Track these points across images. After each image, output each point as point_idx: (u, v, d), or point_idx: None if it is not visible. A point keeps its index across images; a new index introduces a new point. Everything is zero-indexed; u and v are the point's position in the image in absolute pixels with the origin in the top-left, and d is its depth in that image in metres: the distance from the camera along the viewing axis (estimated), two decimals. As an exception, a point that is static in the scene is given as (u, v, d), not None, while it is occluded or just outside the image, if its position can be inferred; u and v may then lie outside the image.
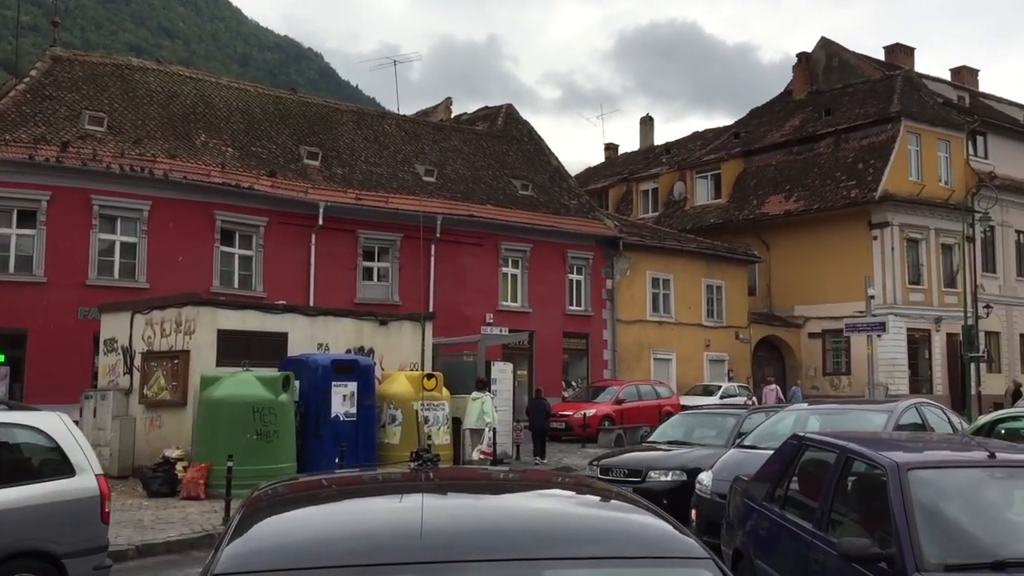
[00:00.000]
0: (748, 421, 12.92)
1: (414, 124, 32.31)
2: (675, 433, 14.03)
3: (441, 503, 3.05)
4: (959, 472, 5.22)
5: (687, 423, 14.50)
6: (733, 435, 12.56)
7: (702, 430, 13.74)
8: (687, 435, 13.71)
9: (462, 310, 27.24)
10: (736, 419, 13.29)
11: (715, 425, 13.62)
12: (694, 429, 13.93)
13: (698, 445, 13.00)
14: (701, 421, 14.36)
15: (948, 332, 35.95)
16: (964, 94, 43.79)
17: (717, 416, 14.30)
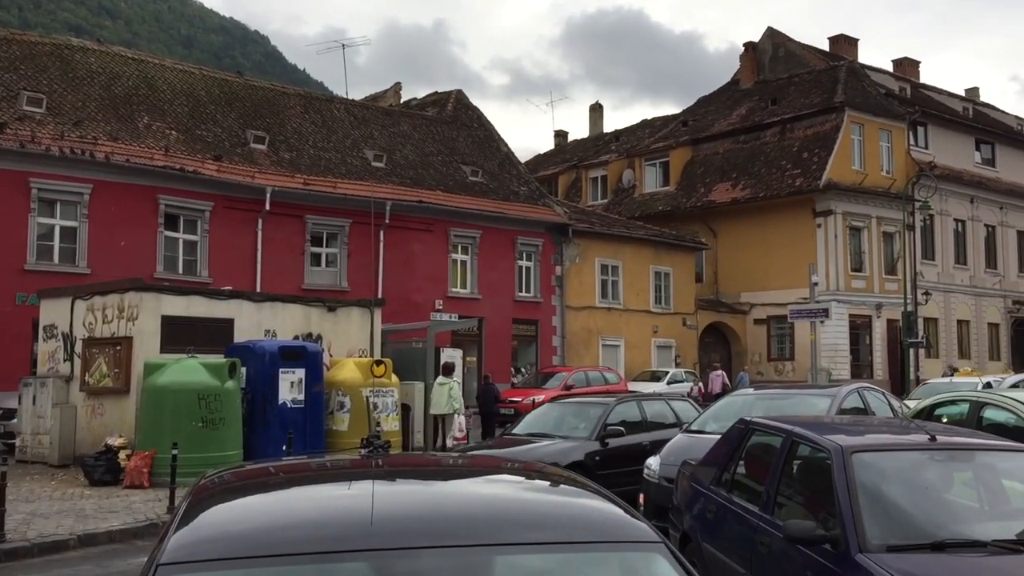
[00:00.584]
0: (615, 412, 12.40)
1: (363, 109, 32.01)
2: (540, 424, 12.97)
3: (392, 489, 3.03)
4: (901, 455, 5.33)
5: (554, 413, 13.45)
6: (598, 427, 11.95)
7: (570, 420, 12.80)
8: (555, 426, 12.74)
9: (411, 296, 27.13)
10: (603, 409, 12.48)
11: (583, 416, 12.68)
12: (562, 420, 12.98)
13: (559, 437, 12.10)
14: (570, 411, 13.30)
15: (888, 318, 36.73)
16: (906, 85, 44.65)
17: (585, 406, 13.26)
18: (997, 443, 5.64)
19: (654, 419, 13.12)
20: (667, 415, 13.43)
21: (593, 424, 12.13)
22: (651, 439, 11.98)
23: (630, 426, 12.38)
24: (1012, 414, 7.37)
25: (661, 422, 13.05)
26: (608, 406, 12.64)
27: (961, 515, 4.99)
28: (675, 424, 12.72)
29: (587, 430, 12.10)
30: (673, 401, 14.29)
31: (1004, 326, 42.70)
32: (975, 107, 47.51)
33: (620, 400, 13.24)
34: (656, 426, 12.83)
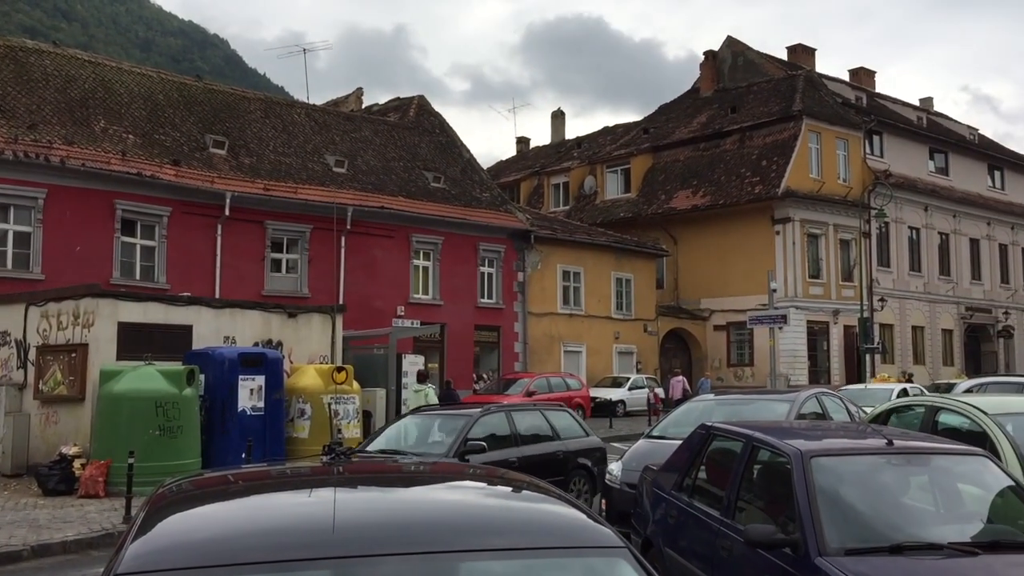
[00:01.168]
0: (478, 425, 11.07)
1: (324, 114, 31.83)
2: (396, 440, 11.34)
3: (354, 497, 3.01)
4: (859, 459, 5.40)
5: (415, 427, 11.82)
6: (456, 443, 10.58)
7: (430, 435, 11.45)
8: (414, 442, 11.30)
9: (373, 303, 26.99)
10: (465, 422, 11.08)
11: (445, 429, 11.32)
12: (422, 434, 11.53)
13: (413, 455, 10.22)
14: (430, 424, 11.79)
15: (845, 324, 37.25)
16: (862, 94, 45.39)
17: (448, 418, 11.76)
18: (952, 447, 5.73)
19: (527, 432, 11.85)
20: (542, 428, 12.20)
21: (452, 439, 10.75)
22: (521, 455, 11.15)
23: (497, 440, 11.17)
24: (966, 418, 7.49)
25: (535, 435, 11.94)
26: (471, 418, 11.17)
27: (918, 518, 5.06)
28: (552, 437, 12.00)
29: (444, 446, 10.72)
30: (550, 412, 12.93)
31: (957, 332, 43.48)
32: (929, 117, 48.40)
33: (486, 411, 11.65)
34: (528, 440, 11.72)
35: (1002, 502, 5.14)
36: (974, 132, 50.06)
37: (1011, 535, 4.84)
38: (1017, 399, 9.16)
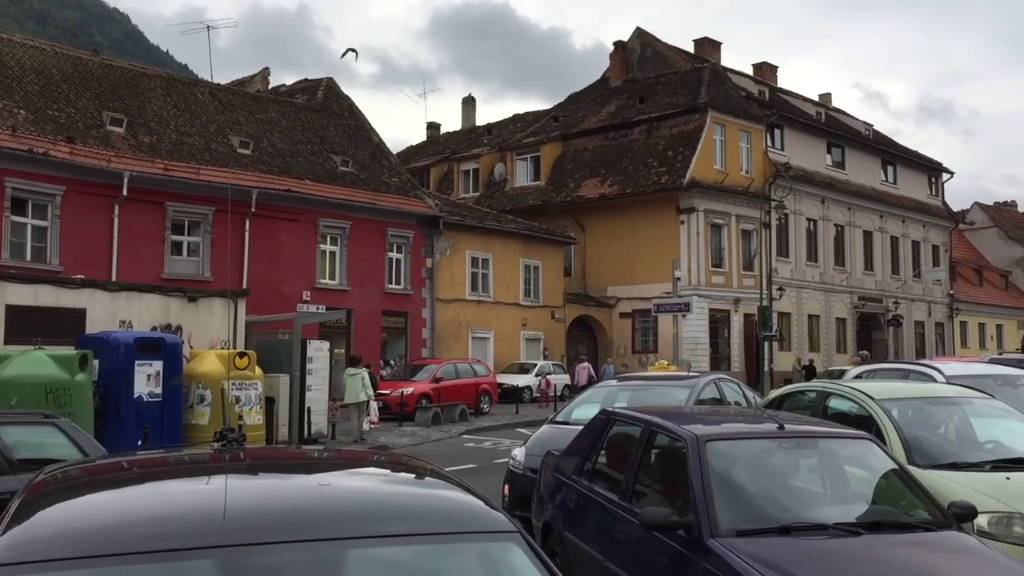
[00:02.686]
0: None
1: (229, 94, 31.02)
2: None
3: (246, 484, 2.96)
4: (752, 443, 5.56)
5: None
6: None
7: None
8: None
9: (278, 287, 26.52)
10: None
11: None
12: None
13: None
14: None
15: (745, 312, 38.26)
16: (764, 88, 46.54)
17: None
18: (839, 431, 5.95)
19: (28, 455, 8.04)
20: None
21: None
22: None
23: None
24: (854, 403, 7.77)
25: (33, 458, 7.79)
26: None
27: (806, 500, 5.24)
28: None
29: None
30: None
31: (850, 320, 45.12)
32: (827, 112, 49.95)
33: None
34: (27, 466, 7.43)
35: (886, 484, 5.35)
36: (869, 128, 51.89)
37: (893, 516, 5.05)
38: (902, 385, 9.55)
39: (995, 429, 7.55)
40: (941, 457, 6.85)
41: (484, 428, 23.25)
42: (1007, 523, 5.89)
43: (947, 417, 7.75)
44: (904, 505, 5.16)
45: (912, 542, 4.59)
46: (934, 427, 7.63)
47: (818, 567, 4.18)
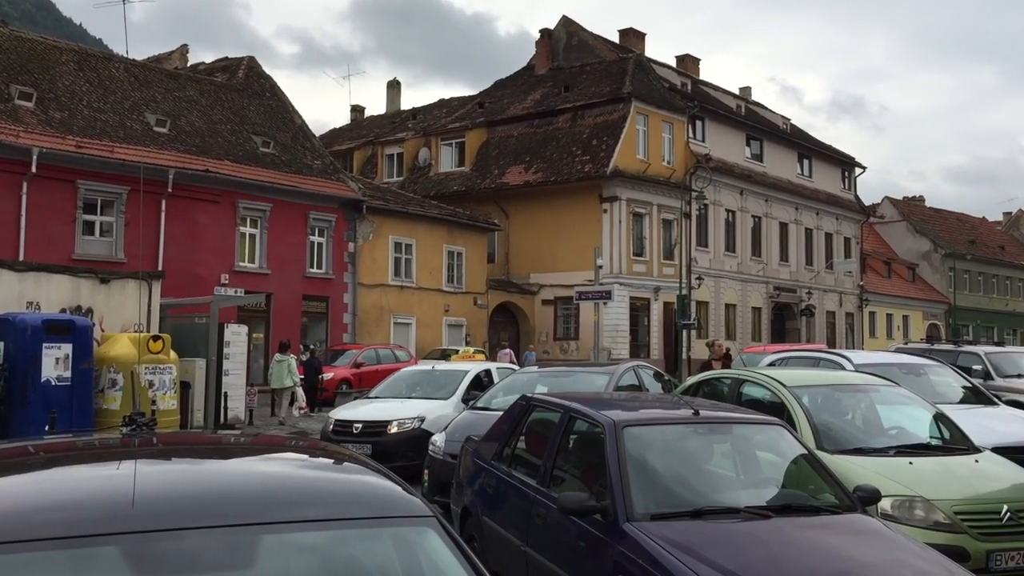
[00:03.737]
0: None
1: (145, 70, 30.13)
2: None
3: (157, 469, 2.90)
4: (668, 428, 5.66)
5: None
6: None
7: None
8: None
9: (195, 270, 25.94)
10: None
11: None
12: None
13: None
14: None
15: (665, 301, 38.87)
16: (687, 80, 47.20)
17: None
18: (752, 416, 6.11)
19: None
20: None
21: None
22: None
23: None
24: (767, 390, 7.97)
25: None
26: None
27: (719, 484, 5.36)
28: None
29: None
30: None
31: (765, 310, 46.23)
32: (747, 105, 50.91)
33: None
34: None
35: (795, 469, 5.51)
36: (787, 122, 53.06)
37: (802, 499, 5.20)
38: (813, 372, 9.84)
39: (899, 416, 7.84)
40: (848, 442, 7.09)
41: (405, 414, 23.13)
42: (909, 506, 6.13)
43: (855, 404, 8.02)
44: (812, 489, 5.32)
45: (819, 525, 4.73)
46: (842, 413, 7.89)
47: (728, 549, 4.29)
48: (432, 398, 12.93)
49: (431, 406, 12.52)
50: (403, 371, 15.16)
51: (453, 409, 12.31)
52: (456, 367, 14.50)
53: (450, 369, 14.13)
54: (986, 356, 15.91)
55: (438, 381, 13.43)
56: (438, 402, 12.69)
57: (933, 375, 10.76)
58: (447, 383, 13.23)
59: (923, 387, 9.70)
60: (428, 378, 13.83)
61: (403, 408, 12.62)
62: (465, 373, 13.48)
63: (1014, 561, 5.98)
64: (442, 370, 14.08)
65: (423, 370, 14.48)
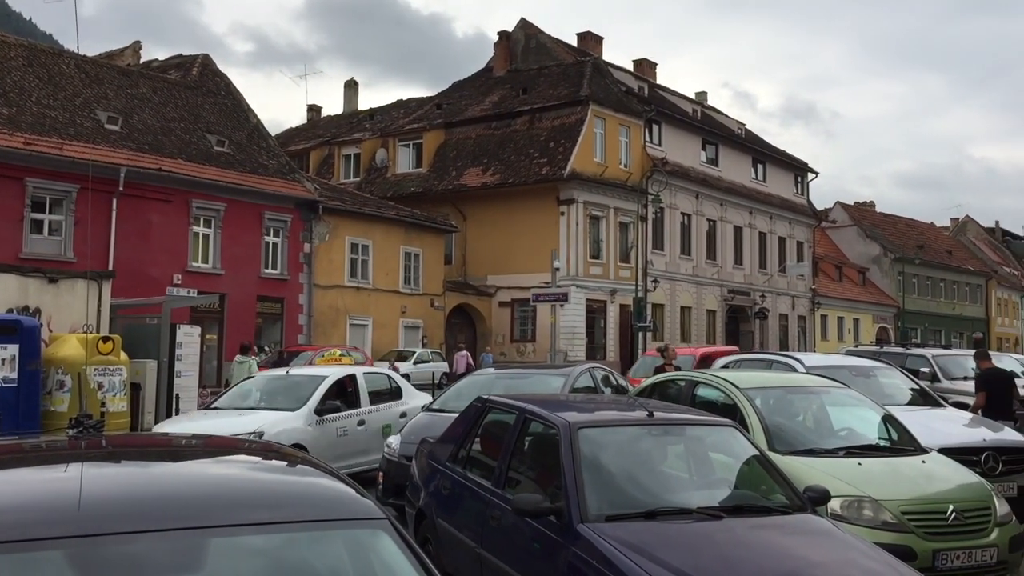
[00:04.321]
0: None
1: (96, 67, 29.61)
2: None
3: (104, 472, 2.85)
4: (622, 430, 5.70)
5: None
6: None
7: None
8: None
9: (147, 270, 25.54)
10: None
11: None
12: None
13: None
14: None
15: (621, 303, 39.10)
16: (644, 84, 47.54)
17: None
18: (704, 418, 6.16)
19: None
20: None
21: None
22: None
23: None
24: (721, 392, 8.06)
25: None
26: None
27: (672, 485, 5.41)
28: None
29: None
30: None
31: (720, 312, 46.70)
32: (703, 110, 51.43)
33: None
34: None
35: (747, 470, 5.58)
36: (741, 127, 53.70)
37: (753, 500, 5.27)
38: (766, 374, 9.97)
39: (849, 417, 7.98)
40: (799, 444, 7.19)
41: (360, 416, 23.04)
42: (858, 506, 6.23)
43: (806, 406, 8.14)
44: (764, 490, 5.38)
45: (769, 525, 4.79)
46: (794, 415, 8.01)
47: (681, 550, 4.32)
48: (279, 409, 11.31)
49: (275, 419, 10.97)
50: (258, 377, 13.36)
51: (303, 422, 11.14)
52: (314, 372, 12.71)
53: (306, 375, 12.42)
54: (933, 359, 16.25)
55: (290, 389, 11.86)
56: (284, 414, 11.11)
57: (882, 377, 10.95)
58: (300, 392, 11.65)
59: (872, 389, 9.87)
60: (281, 385, 12.20)
61: (236, 423, 10.77)
62: (321, 380, 11.82)
63: (959, 560, 6.11)
64: (297, 376, 12.44)
65: (277, 376, 12.83)
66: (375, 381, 12.88)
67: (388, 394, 12.83)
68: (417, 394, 13.48)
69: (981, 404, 11.13)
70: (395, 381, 13.37)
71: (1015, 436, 9.42)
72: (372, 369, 14.75)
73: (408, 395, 13.15)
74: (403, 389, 13.19)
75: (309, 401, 11.33)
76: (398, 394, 13.02)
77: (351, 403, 12.02)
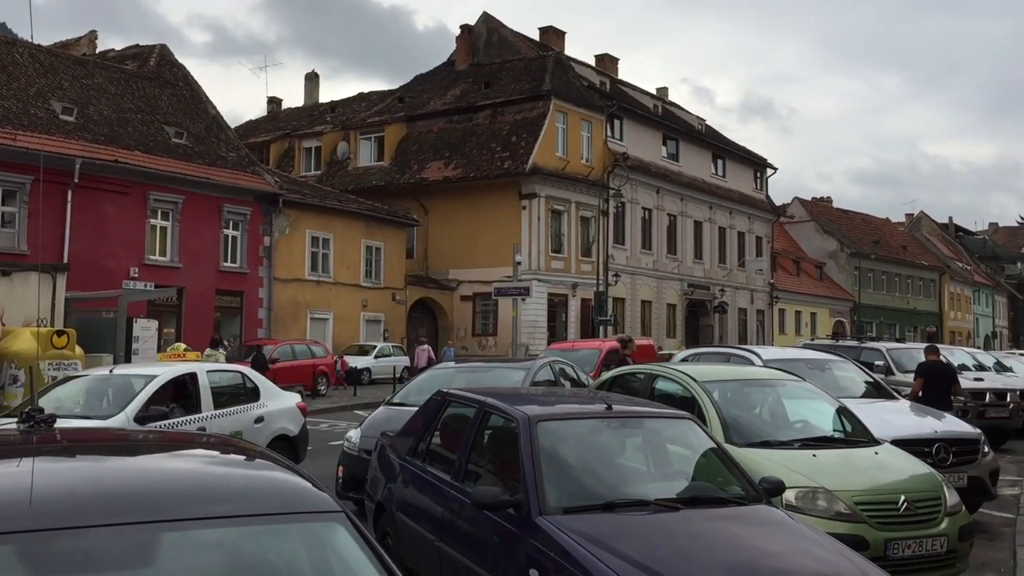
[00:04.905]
0: None
1: (51, 56, 29.08)
2: None
3: (57, 466, 2.82)
4: (581, 423, 5.74)
5: None
6: None
7: None
8: None
9: (103, 263, 25.18)
10: None
11: None
12: None
13: None
14: None
15: (583, 297, 39.26)
16: (605, 80, 47.72)
17: None
18: (662, 411, 6.22)
19: None
20: None
21: None
22: None
23: None
24: (679, 385, 8.14)
25: None
26: None
27: (630, 477, 5.46)
28: None
29: None
30: None
31: (680, 307, 47.07)
32: (664, 105, 51.74)
33: None
34: None
35: (705, 462, 5.64)
36: (702, 122, 54.09)
37: (709, 491, 5.33)
38: (723, 368, 10.09)
39: (805, 409, 8.10)
40: (755, 436, 7.29)
41: (321, 410, 22.92)
42: (812, 497, 6.33)
43: (763, 398, 8.25)
44: (721, 481, 5.45)
45: (725, 516, 4.86)
46: (751, 408, 8.11)
47: (638, 541, 4.37)
48: (89, 416, 9.41)
49: None
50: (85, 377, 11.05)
51: None
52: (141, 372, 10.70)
53: (131, 375, 10.44)
54: (887, 352, 16.54)
55: (113, 392, 10.03)
56: (95, 423, 9.03)
57: (837, 370, 11.13)
58: (122, 395, 9.78)
59: (828, 382, 10.03)
60: (103, 387, 10.30)
61: None
62: (148, 381, 9.87)
63: (910, 549, 6.24)
64: (120, 376, 10.44)
65: (100, 376, 10.79)
66: (224, 380, 11.18)
67: (242, 395, 11.08)
68: (282, 395, 11.86)
69: (917, 390, 11.82)
70: (252, 380, 11.54)
71: (966, 428, 9.63)
72: (220, 366, 12.70)
73: (268, 396, 11.35)
74: (261, 389, 11.35)
75: (128, 407, 9.38)
76: (254, 395, 11.16)
77: (191, 407, 10.21)
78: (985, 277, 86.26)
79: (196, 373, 10.56)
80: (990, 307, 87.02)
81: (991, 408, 16.08)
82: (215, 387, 10.62)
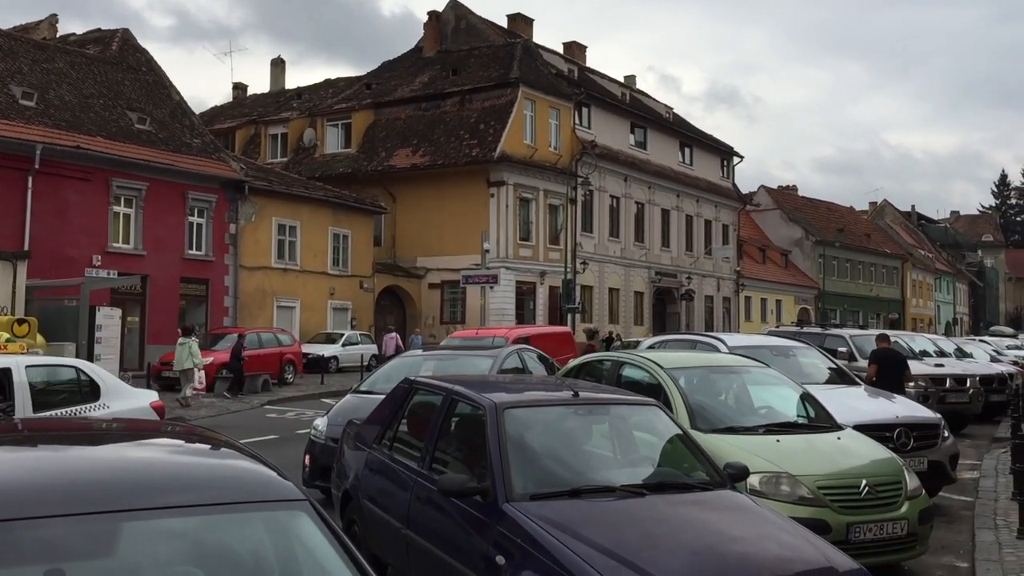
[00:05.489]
0: None
1: (10, 40, 28.53)
2: None
3: (17, 456, 2.78)
4: (548, 410, 5.76)
5: None
6: None
7: None
8: None
9: (65, 250, 24.83)
10: None
11: None
12: None
13: None
14: None
15: (551, 285, 39.33)
16: (574, 67, 47.69)
17: None
18: (629, 398, 6.27)
19: None
20: None
21: None
22: None
23: None
24: (646, 372, 8.19)
25: None
26: None
27: (596, 464, 5.49)
28: None
29: None
30: None
31: (647, 294, 47.32)
32: (632, 93, 51.83)
33: None
34: None
35: (670, 448, 5.69)
36: (669, 111, 54.27)
37: (675, 477, 5.38)
38: (689, 355, 10.16)
39: (769, 395, 8.19)
40: (720, 422, 7.37)
41: (288, 399, 22.81)
42: (775, 482, 6.42)
43: (728, 385, 8.32)
44: (686, 467, 5.50)
45: (690, 501, 4.91)
46: (716, 394, 8.19)
47: (604, 527, 4.40)
48: None
49: None
50: None
51: None
52: None
53: None
54: (851, 339, 16.76)
55: None
56: None
57: (802, 357, 11.27)
58: None
59: (792, 368, 10.15)
60: None
61: None
62: None
63: (871, 533, 6.35)
64: None
65: None
66: (49, 376, 9.67)
67: (75, 394, 9.51)
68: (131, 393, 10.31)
69: (872, 375, 12.31)
70: (88, 375, 9.81)
71: (926, 413, 9.80)
72: (46, 360, 10.71)
73: (111, 395, 9.64)
74: (103, 387, 9.64)
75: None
76: (93, 394, 9.53)
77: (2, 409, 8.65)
78: (946, 265, 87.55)
79: (10, 368, 8.90)
80: (951, 294, 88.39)
81: (951, 393, 16.36)
82: (38, 385, 9.14)
